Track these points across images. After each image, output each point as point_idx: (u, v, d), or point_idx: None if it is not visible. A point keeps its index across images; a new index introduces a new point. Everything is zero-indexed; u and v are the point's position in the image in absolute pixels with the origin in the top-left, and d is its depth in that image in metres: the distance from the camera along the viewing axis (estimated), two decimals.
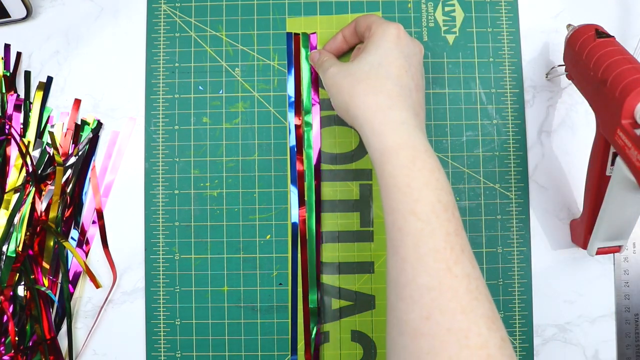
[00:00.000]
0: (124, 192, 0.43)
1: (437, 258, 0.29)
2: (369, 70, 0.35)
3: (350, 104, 0.34)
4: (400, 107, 0.33)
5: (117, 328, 0.42)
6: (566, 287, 0.43)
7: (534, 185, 0.43)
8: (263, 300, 0.42)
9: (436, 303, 0.28)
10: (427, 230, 0.30)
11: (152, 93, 0.43)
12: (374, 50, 0.35)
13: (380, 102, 0.34)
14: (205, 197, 0.43)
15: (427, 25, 0.44)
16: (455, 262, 0.29)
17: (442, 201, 0.31)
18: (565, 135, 0.44)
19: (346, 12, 0.44)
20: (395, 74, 0.35)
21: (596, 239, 0.37)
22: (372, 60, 0.35)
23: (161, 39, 0.44)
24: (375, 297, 0.42)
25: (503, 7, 0.44)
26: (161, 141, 0.43)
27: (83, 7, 0.44)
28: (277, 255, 0.42)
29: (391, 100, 0.34)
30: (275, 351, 0.42)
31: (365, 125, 0.33)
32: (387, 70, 0.35)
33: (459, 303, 0.28)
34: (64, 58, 0.44)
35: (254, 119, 0.43)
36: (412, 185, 0.31)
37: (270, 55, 0.44)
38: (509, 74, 0.43)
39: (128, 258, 0.43)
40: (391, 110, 0.33)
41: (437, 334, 0.28)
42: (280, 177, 0.43)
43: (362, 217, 0.43)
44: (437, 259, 0.29)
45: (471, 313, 0.28)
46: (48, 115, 0.43)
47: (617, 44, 0.34)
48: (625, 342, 0.42)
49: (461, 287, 0.28)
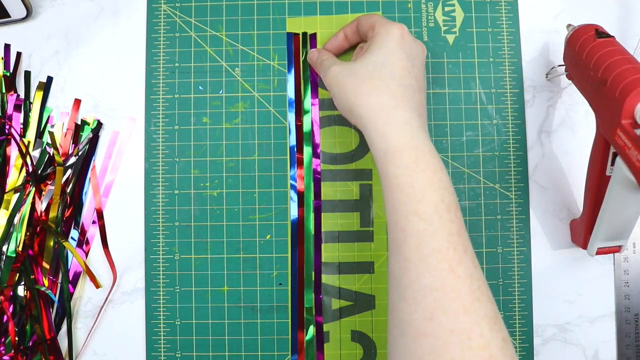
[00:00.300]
0: (124, 192, 0.43)
1: (440, 258, 0.29)
2: (372, 69, 0.35)
3: (354, 103, 0.34)
4: (404, 107, 0.33)
5: (117, 328, 0.42)
6: (566, 287, 0.43)
7: (534, 185, 0.43)
8: (263, 300, 0.42)
9: (439, 304, 0.28)
10: (430, 230, 0.30)
11: (152, 93, 0.43)
12: (378, 50, 0.35)
13: (384, 102, 0.34)
14: (205, 197, 0.43)
15: (427, 25, 0.44)
16: (458, 263, 0.29)
17: (445, 201, 0.31)
18: (565, 135, 0.44)
19: (346, 12, 0.44)
20: (399, 74, 0.35)
21: (596, 239, 0.37)
22: (375, 60, 0.35)
23: (161, 39, 0.44)
24: (375, 297, 0.42)
25: (503, 7, 0.44)
26: (161, 141, 0.43)
27: (83, 7, 0.44)
28: (277, 255, 0.42)
29: (395, 101, 0.34)
30: (275, 351, 0.42)
31: (369, 125, 0.33)
32: (391, 71, 0.35)
33: (461, 304, 0.28)
34: (64, 58, 0.44)
35: (254, 119, 0.43)
36: (415, 186, 0.31)
37: (270, 55, 0.44)
38: (509, 74, 0.43)
39: (128, 258, 0.43)
40: (395, 111, 0.33)
41: (440, 335, 0.28)
42: (280, 177, 0.43)
43: (362, 217, 0.43)
44: (440, 260, 0.29)
45: (474, 314, 0.28)
46: (48, 115, 0.43)
47: (617, 44, 0.34)
48: (625, 342, 0.42)
49: (464, 288, 0.28)
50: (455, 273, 0.29)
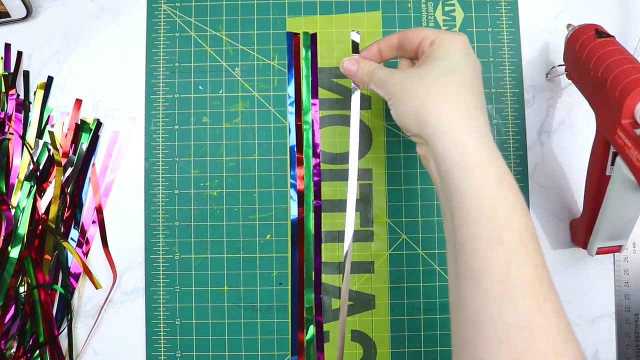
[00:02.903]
0: (124, 192, 0.43)
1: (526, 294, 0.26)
2: (442, 75, 0.31)
3: (424, 110, 0.30)
4: (479, 118, 0.30)
5: (117, 328, 0.42)
6: (566, 287, 0.43)
7: (534, 185, 0.43)
8: (263, 300, 0.42)
9: (527, 345, 0.25)
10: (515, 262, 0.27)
11: (152, 93, 0.43)
12: (444, 57, 0.32)
13: (459, 110, 0.30)
14: (205, 197, 0.43)
15: (427, 25, 0.44)
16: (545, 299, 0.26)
17: (529, 229, 0.28)
18: (565, 135, 0.44)
19: (346, 12, 0.44)
20: (470, 83, 0.31)
21: (596, 239, 0.37)
22: (443, 65, 0.31)
23: (161, 39, 0.44)
24: (375, 297, 0.42)
25: (503, 7, 0.44)
26: (161, 141, 0.43)
27: (83, 7, 0.44)
28: (277, 255, 0.42)
29: (469, 109, 0.30)
30: (275, 351, 0.42)
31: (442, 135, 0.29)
32: (461, 77, 0.31)
33: (551, 345, 0.25)
34: (64, 58, 0.44)
35: (254, 118, 0.43)
36: (499, 210, 0.27)
37: (270, 55, 0.44)
38: (509, 74, 0.43)
39: (128, 258, 0.43)
40: (472, 120, 0.29)
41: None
42: (280, 177, 0.43)
43: (362, 217, 0.43)
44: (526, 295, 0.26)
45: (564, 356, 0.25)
46: (48, 115, 0.43)
47: (617, 44, 0.34)
48: (625, 342, 0.42)
49: (553, 327, 0.26)
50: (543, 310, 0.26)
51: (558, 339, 0.25)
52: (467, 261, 0.28)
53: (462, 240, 0.28)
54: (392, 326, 0.42)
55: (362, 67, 0.36)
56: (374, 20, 0.44)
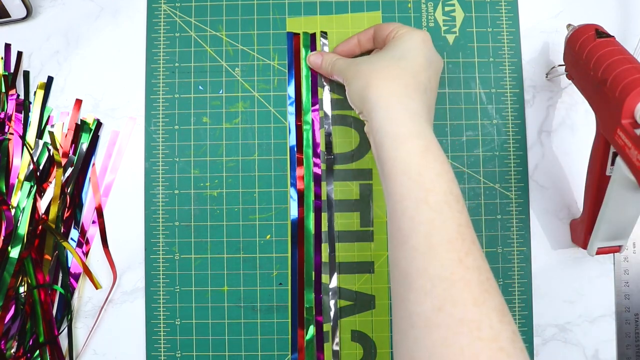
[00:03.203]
0: (124, 192, 0.43)
1: (449, 249, 0.29)
2: (389, 60, 0.36)
3: (367, 87, 0.35)
4: (415, 98, 0.34)
5: (117, 328, 0.42)
6: (566, 287, 0.43)
7: (534, 185, 0.43)
8: (263, 300, 0.42)
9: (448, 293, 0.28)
10: (439, 220, 0.30)
11: (152, 93, 0.43)
12: (397, 46, 0.36)
13: (397, 89, 0.34)
14: (205, 197, 0.43)
15: (427, 25, 0.44)
16: (466, 254, 0.29)
17: (453, 193, 0.31)
18: (565, 135, 0.44)
19: (346, 12, 0.44)
20: (414, 70, 0.35)
21: (596, 239, 0.37)
22: (393, 54, 0.36)
23: (161, 39, 0.44)
24: (375, 297, 0.42)
25: (503, 7, 0.44)
26: (161, 141, 0.43)
27: (83, 7, 0.44)
28: (277, 255, 0.42)
29: (407, 90, 0.34)
30: (275, 351, 0.42)
31: (379, 109, 0.33)
32: (407, 64, 0.35)
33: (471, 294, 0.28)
34: (64, 58, 0.44)
35: (254, 118, 0.43)
36: (424, 175, 0.31)
37: (270, 55, 0.44)
38: (509, 73, 0.43)
39: (128, 258, 0.43)
40: (407, 99, 0.34)
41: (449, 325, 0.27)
42: (280, 177, 0.43)
43: (362, 217, 0.43)
44: (449, 250, 0.29)
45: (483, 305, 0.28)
46: (48, 115, 0.43)
47: (617, 44, 0.34)
48: (625, 342, 0.42)
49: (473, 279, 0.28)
50: (464, 264, 0.28)
51: (477, 290, 0.28)
52: (397, 221, 0.31)
53: (393, 203, 0.31)
54: (392, 326, 0.42)
55: (325, 59, 0.42)
56: (374, 20, 0.44)
